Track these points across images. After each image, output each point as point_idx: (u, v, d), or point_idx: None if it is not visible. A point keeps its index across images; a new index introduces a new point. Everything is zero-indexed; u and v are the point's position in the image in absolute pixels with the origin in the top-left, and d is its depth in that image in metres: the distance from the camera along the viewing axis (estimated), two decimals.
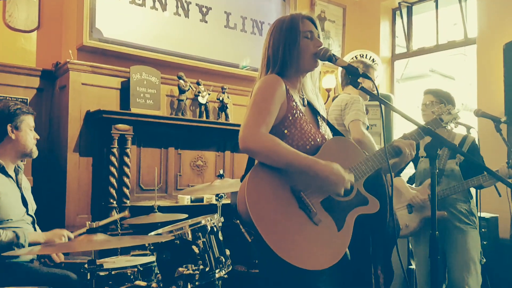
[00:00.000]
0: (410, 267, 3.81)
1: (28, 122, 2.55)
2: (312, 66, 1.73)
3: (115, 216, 2.83)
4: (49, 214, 3.49)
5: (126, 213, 3.13)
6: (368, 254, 1.67)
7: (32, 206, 2.60)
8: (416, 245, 2.93)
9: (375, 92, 1.71)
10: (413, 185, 3.01)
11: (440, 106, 2.03)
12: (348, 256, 1.60)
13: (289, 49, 1.68)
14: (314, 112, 1.79)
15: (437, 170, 1.80)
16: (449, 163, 2.80)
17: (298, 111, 1.66)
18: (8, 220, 2.36)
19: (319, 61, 1.72)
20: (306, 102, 1.77)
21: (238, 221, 1.50)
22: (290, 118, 1.63)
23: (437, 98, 2.88)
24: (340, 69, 3.29)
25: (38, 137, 2.62)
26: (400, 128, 4.81)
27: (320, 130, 1.74)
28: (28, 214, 2.52)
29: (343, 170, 1.56)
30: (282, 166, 1.50)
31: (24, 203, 2.52)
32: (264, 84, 1.62)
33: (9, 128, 2.47)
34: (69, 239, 2.47)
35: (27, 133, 2.53)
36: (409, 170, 3.12)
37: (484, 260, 2.84)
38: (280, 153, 1.48)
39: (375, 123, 4.64)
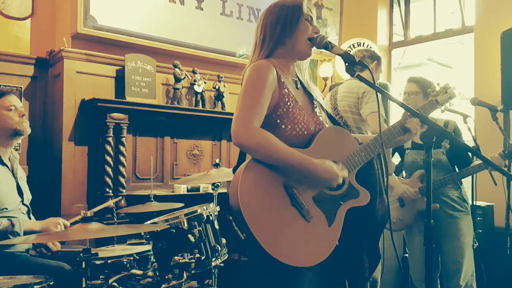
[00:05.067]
0: (405, 255, 3.83)
1: (3, 104, 2.47)
2: (306, 52, 1.70)
3: (109, 202, 2.81)
4: (45, 203, 3.48)
5: (120, 200, 3.10)
6: (354, 240, 1.68)
7: (28, 196, 2.59)
8: (409, 236, 2.94)
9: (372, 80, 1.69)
10: (400, 177, 3.02)
11: (437, 84, 1.99)
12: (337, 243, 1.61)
13: (290, 26, 1.64)
14: (309, 95, 1.76)
15: (432, 159, 1.80)
16: (435, 153, 2.78)
17: (290, 99, 1.63)
18: (3, 209, 2.35)
19: (312, 50, 1.70)
20: (299, 84, 1.74)
21: (231, 217, 1.50)
22: (282, 106, 1.60)
23: (420, 88, 2.85)
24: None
25: (24, 113, 2.54)
26: (397, 116, 4.80)
27: (315, 115, 1.71)
28: (23, 203, 2.51)
29: (336, 166, 1.55)
30: (275, 163, 1.49)
31: (20, 192, 2.51)
32: (254, 72, 1.58)
33: None
34: (65, 227, 2.46)
35: (5, 116, 2.46)
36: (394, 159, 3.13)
37: (477, 244, 2.87)
38: (273, 150, 1.47)
39: None
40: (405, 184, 2.80)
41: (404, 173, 3.04)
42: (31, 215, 2.57)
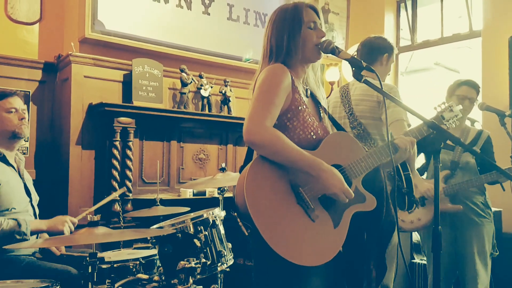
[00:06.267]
0: (413, 261, 3.80)
1: (3, 106, 2.48)
2: (315, 56, 1.71)
3: (112, 195, 2.81)
4: (52, 206, 3.49)
5: (124, 189, 3.10)
6: (362, 248, 1.67)
7: (35, 197, 2.60)
8: (428, 241, 2.88)
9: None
10: (423, 177, 2.97)
11: (443, 102, 2.00)
12: (341, 248, 1.60)
13: (293, 38, 1.65)
14: (316, 103, 1.78)
15: (440, 164, 1.78)
16: (464, 156, 2.76)
17: (302, 103, 1.65)
18: (11, 209, 2.36)
19: (321, 53, 1.70)
20: (309, 93, 1.76)
21: (235, 213, 1.50)
22: (294, 110, 1.62)
23: (476, 96, 2.83)
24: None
25: (24, 117, 2.54)
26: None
27: (322, 123, 1.73)
28: (31, 204, 2.52)
29: (343, 180, 1.55)
30: (284, 162, 1.50)
31: (28, 192, 2.52)
32: (270, 74, 1.59)
33: None
34: (73, 223, 2.47)
35: (3, 118, 2.47)
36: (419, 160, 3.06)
37: (497, 253, 2.82)
38: (283, 149, 1.48)
39: None
40: (429, 184, 2.71)
41: (426, 173, 2.99)
42: (37, 217, 2.57)
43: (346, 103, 2.58)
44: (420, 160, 3.07)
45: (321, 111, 1.77)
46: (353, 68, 1.63)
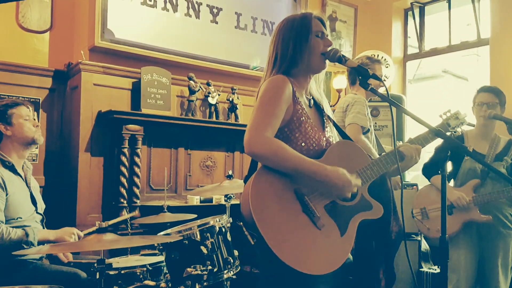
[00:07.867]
0: (420, 269, 3.77)
1: (19, 113, 2.53)
2: (320, 66, 1.72)
3: (124, 215, 2.85)
4: (60, 213, 3.52)
5: (136, 212, 3.16)
6: (371, 257, 1.66)
7: (41, 205, 2.62)
8: (452, 249, 2.76)
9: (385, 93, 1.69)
10: (451, 184, 2.92)
11: (448, 110, 2.00)
12: (350, 258, 1.59)
13: (300, 46, 1.66)
14: (320, 113, 1.78)
15: (445, 173, 1.76)
16: (495, 165, 2.71)
17: (303, 115, 1.65)
18: (17, 218, 2.39)
19: (327, 62, 1.71)
20: (312, 103, 1.76)
21: (241, 223, 1.50)
22: (295, 121, 1.62)
23: (498, 99, 2.81)
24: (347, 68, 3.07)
25: (38, 124, 2.61)
26: (412, 129, 4.77)
27: (325, 133, 1.72)
28: (37, 212, 2.54)
29: (349, 174, 1.55)
30: (288, 171, 1.50)
31: (33, 201, 2.54)
32: (271, 86, 1.60)
33: (1, 126, 2.48)
34: (79, 237, 2.49)
35: (22, 124, 2.52)
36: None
37: None
38: (285, 158, 1.48)
39: (387, 124, 4.61)
40: (458, 192, 2.71)
41: (453, 181, 2.93)
42: (44, 224, 2.60)
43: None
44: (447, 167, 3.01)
45: (325, 121, 1.77)
46: (359, 77, 1.64)
